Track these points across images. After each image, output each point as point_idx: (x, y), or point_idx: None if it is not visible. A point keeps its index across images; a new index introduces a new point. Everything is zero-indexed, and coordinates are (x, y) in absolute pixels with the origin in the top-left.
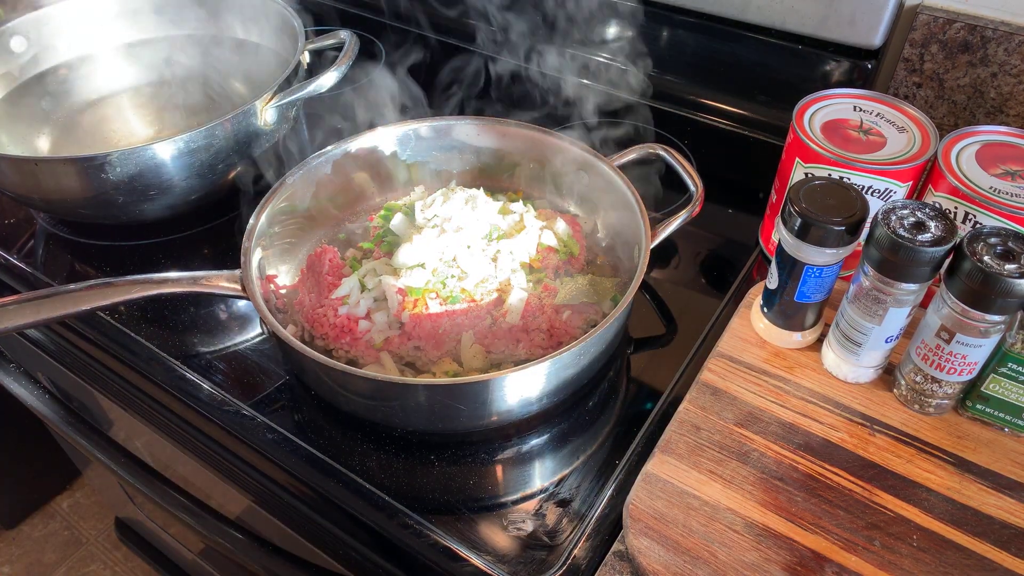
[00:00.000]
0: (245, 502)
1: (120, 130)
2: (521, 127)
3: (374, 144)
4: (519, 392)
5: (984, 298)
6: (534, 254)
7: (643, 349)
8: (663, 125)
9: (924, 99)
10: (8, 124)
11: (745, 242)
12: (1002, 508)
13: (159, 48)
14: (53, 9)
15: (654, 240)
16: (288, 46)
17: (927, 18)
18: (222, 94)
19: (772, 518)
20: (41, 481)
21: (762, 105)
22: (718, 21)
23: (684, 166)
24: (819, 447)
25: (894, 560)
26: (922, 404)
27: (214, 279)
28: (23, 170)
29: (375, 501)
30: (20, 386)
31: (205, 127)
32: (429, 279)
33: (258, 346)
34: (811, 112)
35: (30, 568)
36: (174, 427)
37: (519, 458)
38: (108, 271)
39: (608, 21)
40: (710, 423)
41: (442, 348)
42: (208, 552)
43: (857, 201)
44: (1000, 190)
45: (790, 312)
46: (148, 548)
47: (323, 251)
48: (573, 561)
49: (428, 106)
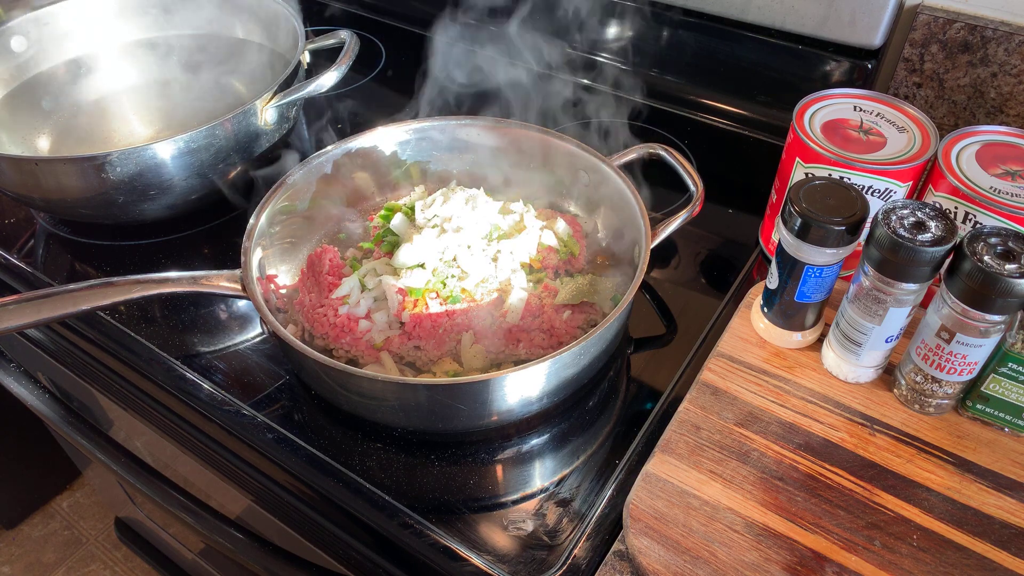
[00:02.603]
0: (245, 502)
1: (120, 130)
2: (521, 127)
3: (374, 144)
4: (519, 392)
5: (984, 298)
6: (534, 254)
7: (643, 349)
8: (663, 125)
9: (924, 99)
10: (8, 124)
11: (745, 242)
12: (1002, 508)
13: (159, 48)
14: (53, 9)
15: (654, 240)
16: (288, 46)
17: (927, 18)
18: (222, 94)
19: (772, 518)
20: (41, 481)
21: (762, 105)
22: (718, 21)
23: (684, 166)
24: (819, 447)
25: (894, 560)
26: (922, 404)
27: (214, 279)
28: (23, 170)
29: (375, 501)
30: (20, 386)
31: (205, 127)
32: (429, 279)
33: (258, 346)
34: (811, 112)
35: (30, 568)
36: (174, 427)
37: (519, 458)
38: (108, 271)
39: (608, 21)
40: (710, 423)
41: (442, 348)
42: (208, 552)
43: (857, 201)
44: (1000, 190)
45: (790, 312)
46: (148, 548)
47: (323, 251)
48: (573, 561)
49: (428, 106)
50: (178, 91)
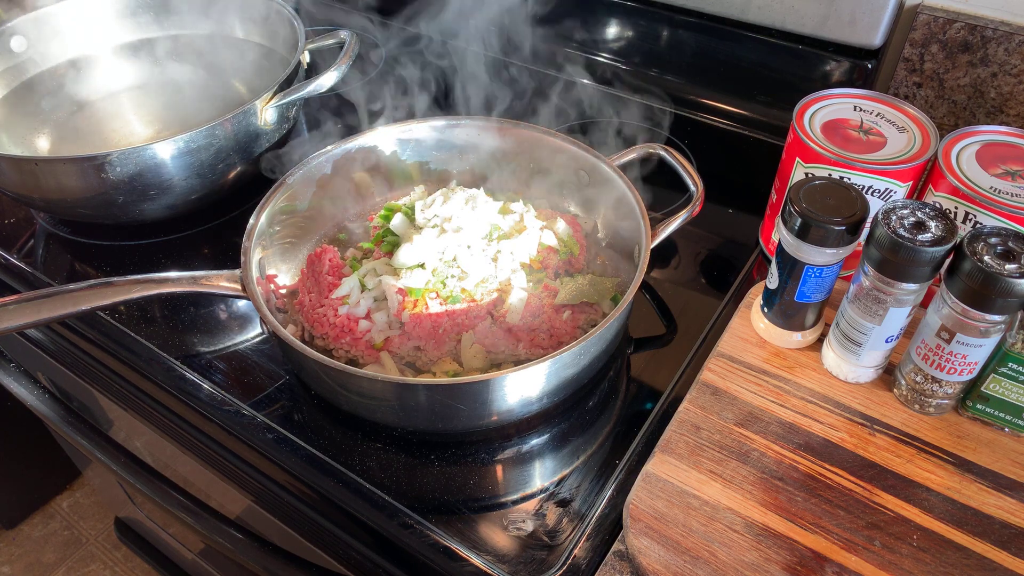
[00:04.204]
0: (245, 502)
1: (120, 130)
2: (521, 127)
3: (374, 144)
4: (519, 392)
5: (984, 298)
6: (534, 254)
7: (643, 349)
8: (663, 125)
9: (924, 99)
10: (8, 124)
11: (745, 242)
12: (1002, 508)
13: (159, 48)
14: (53, 9)
15: (654, 240)
16: (288, 46)
17: (927, 18)
18: (222, 94)
19: (772, 518)
20: (41, 481)
21: (762, 105)
22: (718, 21)
23: (684, 166)
24: (819, 447)
25: (894, 560)
26: (922, 404)
27: (214, 279)
28: (23, 170)
29: (375, 501)
30: (20, 386)
31: (205, 127)
32: (429, 279)
33: (258, 346)
34: (811, 112)
35: (30, 568)
36: (174, 427)
37: (519, 458)
38: (108, 271)
39: (609, 21)
40: (710, 423)
41: (442, 348)
42: (208, 552)
43: (857, 201)
44: (1000, 190)
45: (790, 312)
46: (148, 548)
47: (323, 251)
48: (573, 561)
49: (428, 106)
50: (178, 91)
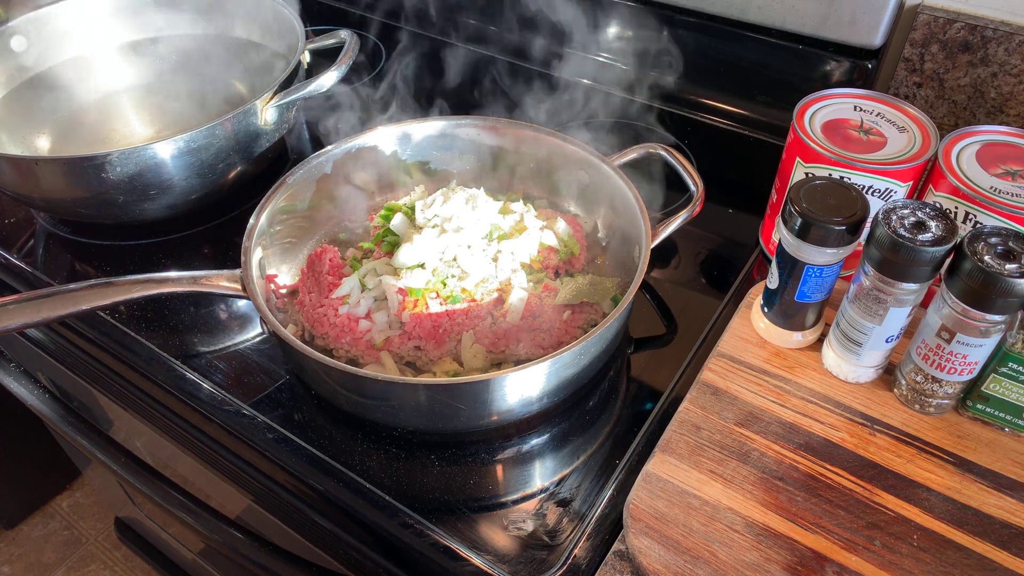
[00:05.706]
0: (245, 502)
1: (120, 130)
2: (521, 127)
3: (374, 144)
4: (519, 392)
5: (984, 298)
6: (535, 254)
7: (643, 349)
8: (663, 125)
9: (924, 99)
10: (8, 124)
11: (745, 242)
12: (1002, 508)
13: (159, 48)
14: (53, 9)
15: (654, 240)
16: (288, 46)
17: (927, 18)
18: (222, 94)
19: (772, 518)
20: (41, 481)
21: (762, 105)
22: (718, 21)
23: (684, 166)
24: (819, 447)
25: (894, 560)
26: (922, 404)
27: (214, 279)
28: (23, 170)
29: (375, 501)
30: (20, 386)
31: (205, 127)
32: (429, 279)
33: (258, 346)
34: (811, 112)
35: (30, 568)
36: (174, 427)
37: (519, 458)
38: (108, 271)
39: (608, 21)
40: (710, 423)
41: (442, 348)
42: (208, 552)
43: (858, 201)
44: (1000, 190)
45: (790, 312)
46: (148, 548)
47: (323, 251)
48: (573, 561)
49: (428, 106)
50: (178, 91)
